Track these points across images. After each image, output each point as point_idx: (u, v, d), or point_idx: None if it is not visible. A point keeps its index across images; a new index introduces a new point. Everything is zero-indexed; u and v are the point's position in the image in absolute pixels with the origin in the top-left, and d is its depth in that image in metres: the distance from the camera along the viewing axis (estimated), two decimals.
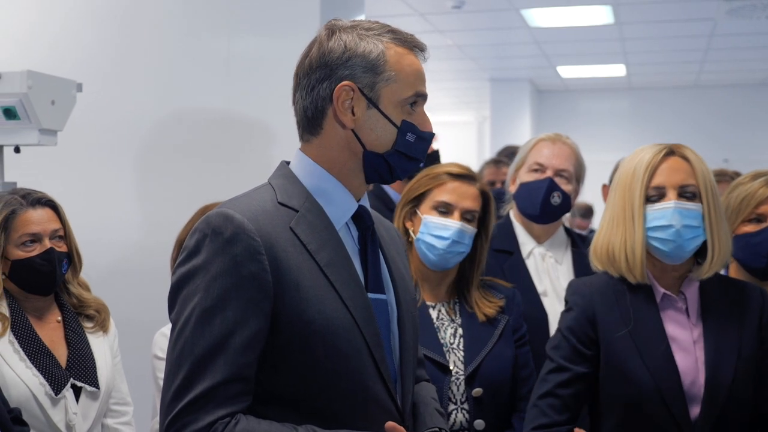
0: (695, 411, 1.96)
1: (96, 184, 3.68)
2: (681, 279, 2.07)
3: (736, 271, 2.43)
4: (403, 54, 1.58)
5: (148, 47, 3.70)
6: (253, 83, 3.61)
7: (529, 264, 2.77)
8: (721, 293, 2.07)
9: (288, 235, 1.50)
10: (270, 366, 1.48)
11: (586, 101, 11.42)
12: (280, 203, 1.54)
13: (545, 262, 2.79)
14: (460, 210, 2.37)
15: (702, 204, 2.01)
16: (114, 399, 2.54)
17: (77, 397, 2.37)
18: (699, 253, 2.05)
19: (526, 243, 2.81)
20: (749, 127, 10.58)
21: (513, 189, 2.85)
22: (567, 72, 10.14)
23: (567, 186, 2.75)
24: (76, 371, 2.38)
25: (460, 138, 12.94)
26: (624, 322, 2.02)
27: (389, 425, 1.51)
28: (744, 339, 2.01)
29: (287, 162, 1.64)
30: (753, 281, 2.27)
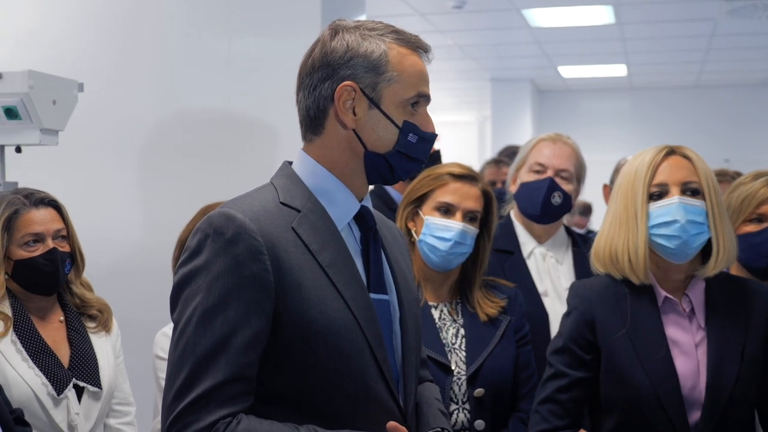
0: (695, 416, 1.94)
1: (97, 184, 3.69)
2: (685, 281, 2.06)
3: (737, 271, 2.42)
4: (406, 54, 1.57)
5: (149, 47, 3.71)
6: (254, 83, 3.62)
7: (530, 264, 2.77)
8: (727, 293, 2.05)
9: (290, 236, 1.50)
10: (272, 366, 1.48)
11: (587, 101, 11.41)
12: (282, 203, 1.54)
13: (546, 262, 2.79)
14: (462, 211, 2.37)
15: (705, 201, 2.01)
16: (116, 399, 2.54)
17: (79, 398, 2.37)
18: (704, 255, 2.04)
19: (526, 243, 2.82)
20: (750, 127, 10.57)
21: (514, 189, 2.85)
22: (568, 72, 10.14)
23: (568, 186, 2.76)
24: (78, 371, 2.37)
25: (461, 138, 12.94)
26: (623, 324, 2.02)
27: (391, 425, 1.52)
28: (748, 340, 1.99)
29: (290, 162, 1.64)
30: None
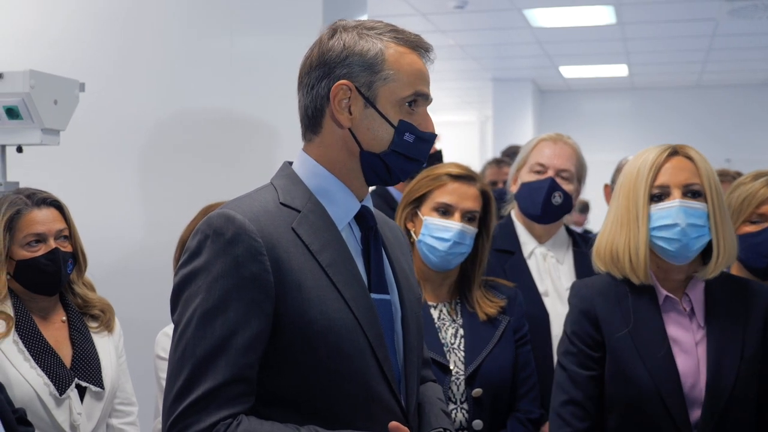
0: (696, 414, 1.95)
1: (98, 183, 3.69)
2: (686, 281, 2.07)
3: (737, 271, 2.42)
4: (404, 53, 1.56)
5: (150, 47, 3.71)
6: (256, 83, 3.62)
7: (531, 264, 2.78)
8: (727, 293, 2.06)
9: (290, 236, 1.50)
10: (272, 367, 1.48)
11: (588, 101, 11.41)
12: (282, 204, 1.54)
13: (546, 261, 2.79)
14: (460, 211, 2.38)
15: (707, 203, 2.01)
16: (119, 399, 2.53)
17: (82, 398, 2.36)
18: (704, 254, 2.05)
19: (527, 243, 2.82)
20: (751, 127, 10.57)
21: (514, 189, 2.85)
22: (569, 72, 10.13)
23: (568, 186, 2.76)
24: (80, 371, 2.37)
25: (462, 138, 12.94)
26: (625, 323, 2.02)
27: (393, 425, 1.51)
28: (748, 339, 2.00)
29: (290, 162, 1.64)
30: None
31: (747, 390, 1.97)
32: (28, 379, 2.27)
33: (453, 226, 2.36)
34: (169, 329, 2.45)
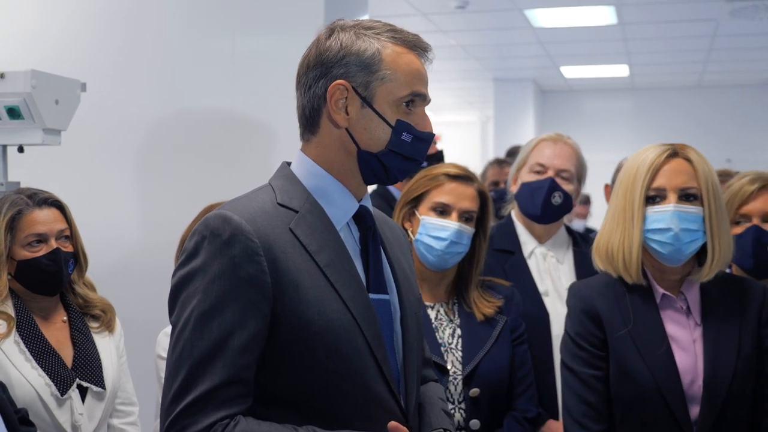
0: (695, 410, 1.96)
1: (100, 183, 3.69)
2: (681, 280, 2.08)
3: (736, 271, 2.43)
4: (401, 53, 1.56)
5: (152, 47, 3.71)
6: (258, 83, 3.61)
7: (531, 264, 2.78)
8: (723, 291, 2.07)
9: (287, 236, 1.50)
10: (271, 367, 1.48)
11: (589, 101, 11.41)
12: (279, 204, 1.54)
13: (547, 261, 2.79)
14: (458, 211, 2.38)
15: (703, 207, 2.01)
16: (120, 399, 2.53)
17: (83, 398, 2.36)
18: (701, 255, 2.05)
19: (527, 243, 2.82)
20: (752, 127, 10.56)
21: (514, 189, 2.86)
22: (570, 72, 10.13)
23: (568, 186, 2.76)
24: (82, 371, 2.37)
25: (463, 138, 12.95)
26: (624, 322, 2.03)
27: (392, 425, 1.51)
28: (744, 337, 2.01)
29: (288, 163, 1.64)
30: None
31: (744, 387, 1.98)
32: (29, 380, 2.27)
33: (450, 225, 2.36)
34: (170, 329, 2.45)
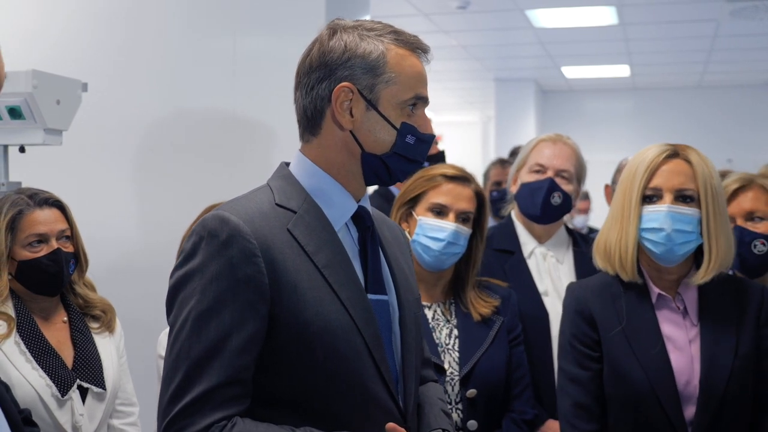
0: (690, 411, 1.96)
1: (101, 183, 3.69)
2: (678, 281, 2.08)
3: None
4: (405, 56, 1.56)
5: (153, 47, 3.71)
6: (259, 83, 3.62)
7: (531, 264, 2.78)
8: (721, 292, 2.07)
9: (285, 237, 1.50)
10: (269, 368, 1.48)
11: (590, 101, 11.41)
12: (277, 205, 1.54)
13: (546, 261, 2.80)
14: (455, 211, 2.39)
15: (700, 209, 2.02)
16: (120, 399, 2.53)
17: (83, 398, 2.36)
18: (700, 256, 2.05)
19: (527, 243, 2.82)
20: (753, 128, 10.56)
21: (514, 189, 2.86)
22: (571, 72, 10.14)
23: (568, 186, 2.76)
24: (82, 372, 2.37)
25: (464, 138, 12.96)
26: (619, 321, 2.04)
27: (390, 426, 1.51)
28: (742, 337, 2.01)
29: (287, 163, 1.64)
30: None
31: (742, 387, 1.99)
32: (29, 381, 2.26)
33: (447, 226, 2.37)
34: None
